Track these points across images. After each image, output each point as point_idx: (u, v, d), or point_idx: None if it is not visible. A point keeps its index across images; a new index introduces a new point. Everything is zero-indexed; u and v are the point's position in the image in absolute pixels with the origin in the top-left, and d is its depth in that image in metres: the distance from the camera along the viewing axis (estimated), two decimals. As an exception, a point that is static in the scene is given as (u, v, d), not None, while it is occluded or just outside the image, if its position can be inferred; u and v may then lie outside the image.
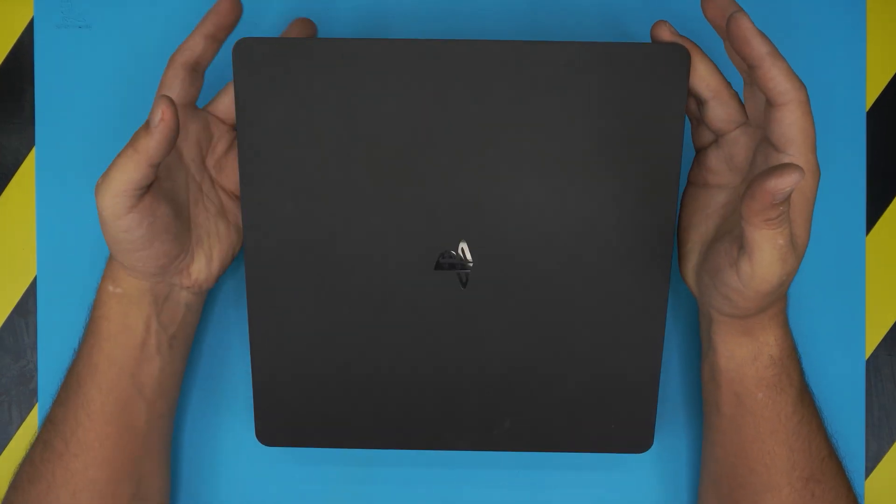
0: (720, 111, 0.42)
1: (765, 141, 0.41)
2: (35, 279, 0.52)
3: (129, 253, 0.42)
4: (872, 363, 0.53)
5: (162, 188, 0.43)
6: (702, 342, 0.47)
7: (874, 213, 0.54)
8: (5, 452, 0.52)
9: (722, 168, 0.44)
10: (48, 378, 0.52)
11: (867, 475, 0.53)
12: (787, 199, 0.35)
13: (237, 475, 0.52)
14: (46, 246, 0.52)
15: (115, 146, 0.51)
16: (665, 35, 0.42)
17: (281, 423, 0.47)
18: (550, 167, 0.44)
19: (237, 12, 0.45)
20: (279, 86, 0.43)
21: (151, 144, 0.39)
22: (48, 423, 0.45)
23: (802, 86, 0.38)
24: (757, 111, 0.42)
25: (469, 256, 0.44)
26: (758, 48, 0.38)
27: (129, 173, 0.40)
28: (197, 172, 0.46)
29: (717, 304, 0.43)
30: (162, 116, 0.39)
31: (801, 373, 0.45)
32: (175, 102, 0.40)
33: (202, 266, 0.46)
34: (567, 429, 0.47)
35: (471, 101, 0.43)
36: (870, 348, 0.53)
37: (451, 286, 0.45)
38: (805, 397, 0.44)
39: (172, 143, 0.40)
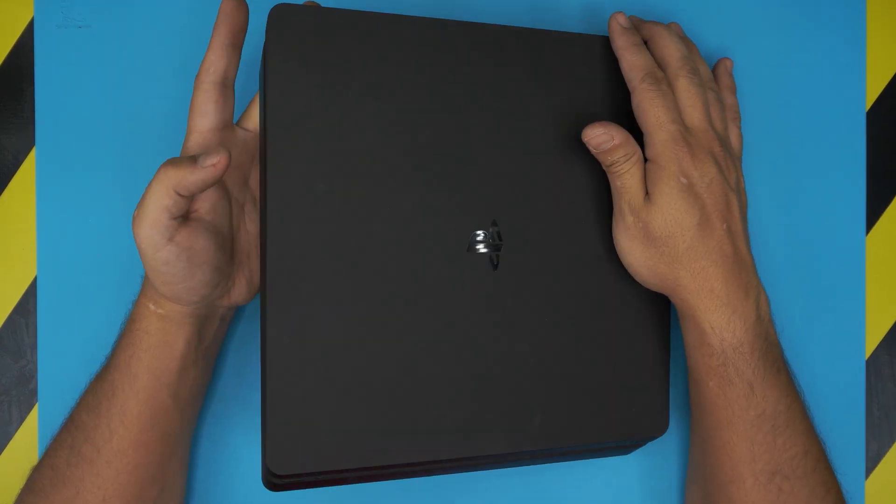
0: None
1: None
2: (35, 279, 0.52)
3: (170, 285, 0.42)
4: (872, 363, 0.53)
5: (203, 222, 0.42)
6: None
7: (874, 213, 0.54)
8: (5, 452, 0.52)
9: None
10: (48, 378, 0.52)
11: (867, 475, 0.53)
12: (610, 157, 0.43)
13: (244, 478, 0.52)
14: (46, 246, 0.52)
15: (115, 146, 0.52)
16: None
17: (299, 443, 0.40)
18: (564, 154, 0.45)
19: (244, 11, 0.43)
20: (313, 55, 0.40)
21: (190, 179, 0.39)
22: (74, 429, 0.45)
23: (643, 76, 0.44)
24: None
25: (499, 237, 0.44)
26: (613, 43, 0.46)
27: (161, 201, 0.39)
28: (240, 195, 0.46)
29: (628, 262, 0.45)
30: (216, 164, 0.38)
31: (756, 370, 0.44)
32: (225, 148, 0.39)
33: (242, 288, 0.46)
34: (591, 419, 0.46)
35: (496, 82, 0.43)
36: (870, 348, 0.53)
37: (483, 271, 0.44)
38: (759, 393, 0.44)
39: (210, 186, 0.39)
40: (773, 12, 0.53)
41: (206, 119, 0.43)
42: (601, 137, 0.42)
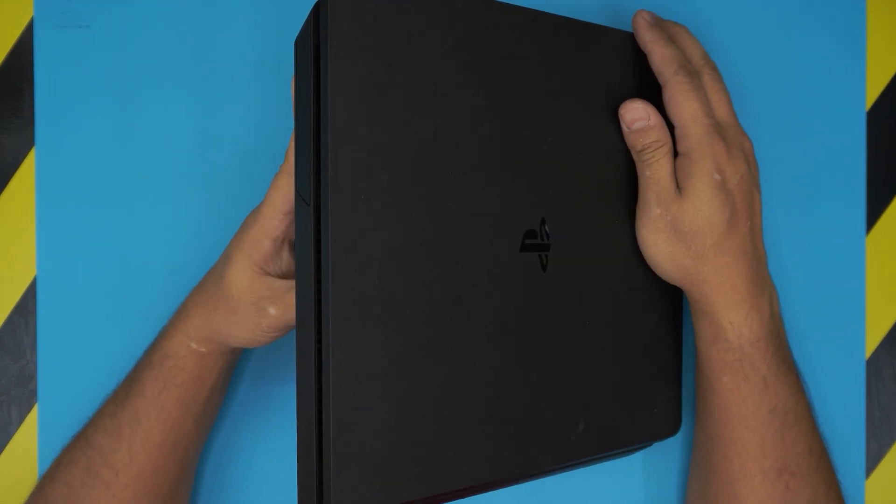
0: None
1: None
2: (35, 279, 0.52)
3: (265, 338, 0.43)
4: (872, 363, 0.53)
5: None
6: None
7: (874, 213, 0.54)
8: (5, 452, 0.52)
9: None
10: (48, 378, 0.52)
11: (867, 475, 0.53)
12: (642, 140, 0.42)
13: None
14: (46, 246, 0.52)
15: (115, 146, 0.52)
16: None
17: (365, 476, 0.35)
18: (606, 148, 0.44)
19: None
20: (372, 42, 0.36)
21: None
22: (90, 450, 0.45)
23: (676, 68, 0.43)
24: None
25: (548, 236, 0.42)
26: (641, 37, 0.44)
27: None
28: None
29: (649, 254, 0.44)
30: None
31: (770, 365, 0.44)
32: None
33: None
34: (622, 423, 0.45)
35: (549, 74, 0.42)
36: (870, 348, 0.53)
37: (533, 274, 0.41)
38: (773, 388, 0.44)
39: None
40: (773, 12, 0.53)
41: (286, 202, 0.42)
42: (639, 112, 0.42)
